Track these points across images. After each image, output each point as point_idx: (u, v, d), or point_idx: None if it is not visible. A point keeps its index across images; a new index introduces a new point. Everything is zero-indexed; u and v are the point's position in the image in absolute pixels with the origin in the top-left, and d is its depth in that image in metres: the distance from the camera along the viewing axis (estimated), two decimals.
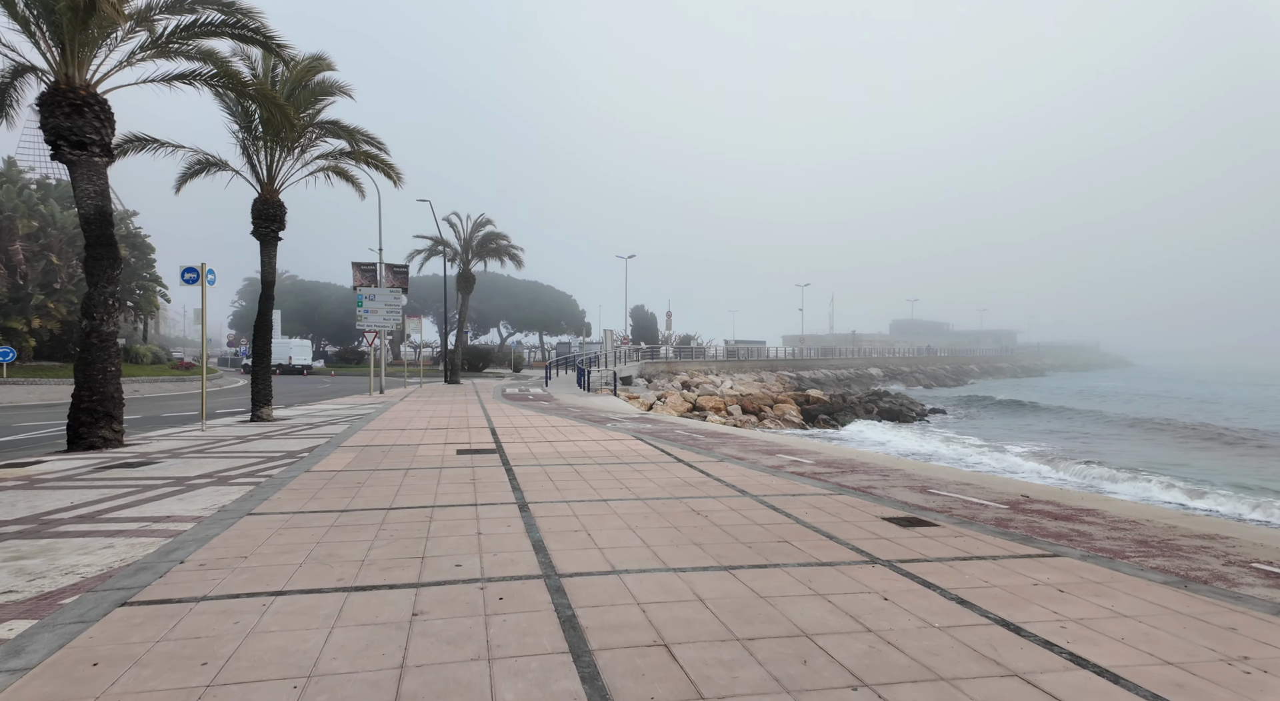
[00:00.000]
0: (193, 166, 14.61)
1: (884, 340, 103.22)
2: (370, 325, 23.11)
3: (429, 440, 10.68)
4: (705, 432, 12.27)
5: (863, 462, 8.78)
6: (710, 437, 11.39)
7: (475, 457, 8.90)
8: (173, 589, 3.77)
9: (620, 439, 10.96)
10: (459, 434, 11.53)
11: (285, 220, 14.51)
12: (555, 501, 6.19)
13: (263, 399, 14.03)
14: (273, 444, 10.41)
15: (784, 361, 56.16)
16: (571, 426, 12.89)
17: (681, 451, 9.57)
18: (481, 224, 32.70)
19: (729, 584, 3.96)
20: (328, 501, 6.09)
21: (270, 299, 14.29)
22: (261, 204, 14.16)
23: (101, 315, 9.71)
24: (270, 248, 14.29)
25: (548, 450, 9.65)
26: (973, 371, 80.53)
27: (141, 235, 32.23)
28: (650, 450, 9.69)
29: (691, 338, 67.25)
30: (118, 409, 9.90)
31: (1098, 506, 6.33)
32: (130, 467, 8.07)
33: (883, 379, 58.74)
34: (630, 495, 6.50)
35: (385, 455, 9.08)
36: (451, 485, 6.94)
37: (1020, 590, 3.90)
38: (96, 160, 9.69)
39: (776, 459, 8.94)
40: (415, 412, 15.99)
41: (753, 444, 10.61)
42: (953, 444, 23.49)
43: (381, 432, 11.73)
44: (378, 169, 15.11)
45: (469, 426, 12.79)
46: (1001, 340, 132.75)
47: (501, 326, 73.94)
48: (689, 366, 45.02)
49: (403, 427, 12.55)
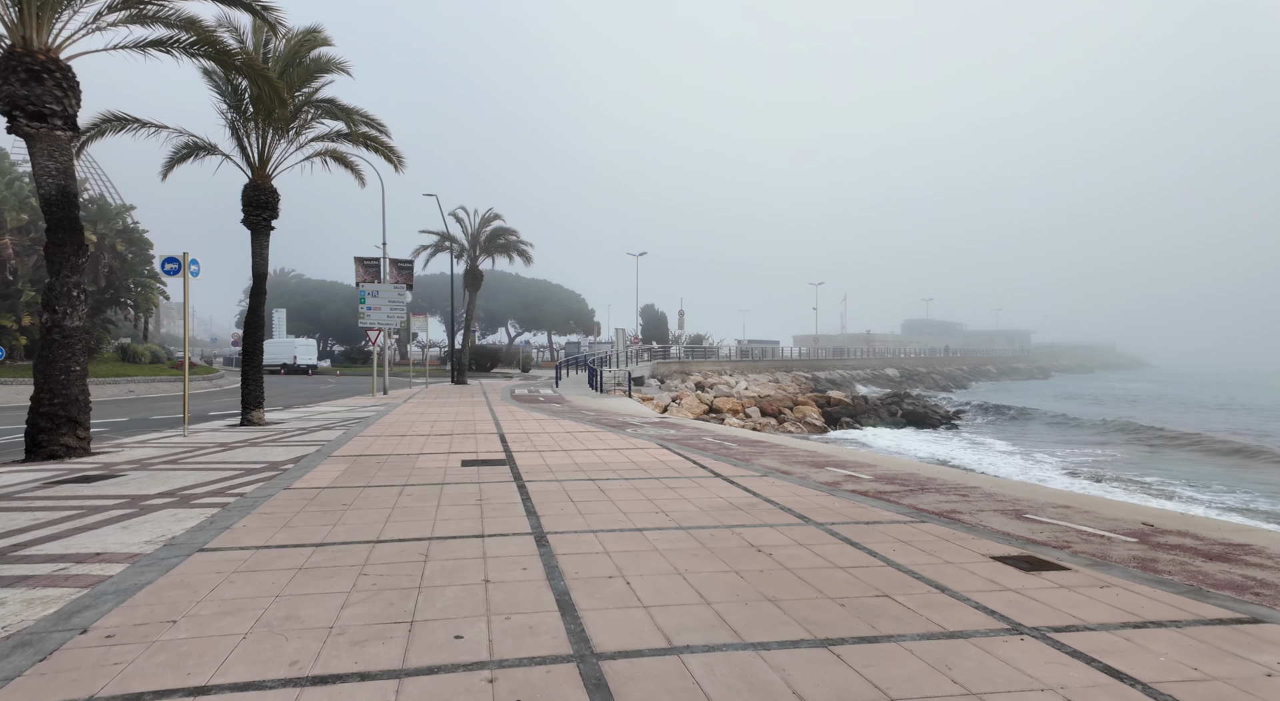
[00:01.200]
0: (180, 151, 13.59)
1: (896, 340, 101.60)
2: (373, 323, 22.05)
3: (431, 448, 9.57)
4: (737, 440, 11.12)
5: (930, 478, 7.60)
6: (744, 446, 10.24)
7: (482, 471, 7.79)
8: (45, 688, 2.65)
9: (644, 447, 9.83)
10: (465, 441, 10.42)
11: (278, 208, 13.45)
12: (580, 531, 5.06)
13: (253, 401, 12.98)
14: (256, 453, 9.34)
15: (798, 361, 54.89)
16: (588, 432, 11.77)
17: (716, 463, 8.42)
18: (490, 219, 31.64)
19: (835, 672, 2.82)
20: (302, 531, 4.99)
21: (262, 293, 13.23)
22: (252, 190, 13.11)
23: (65, 308, 8.66)
24: (262, 237, 13.23)
25: (564, 461, 8.53)
26: (989, 372, 78.94)
27: (139, 230, 31.41)
28: (680, 461, 8.55)
29: (702, 337, 66.09)
30: (83, 413, 8.84)
31: (1249, 541, 5.14)
32: (85, 482, 7.00)
33: (900, 380, 57.34)
34: (669, 522, 5.36)
35: (380, 467, 7.97)
36: (454, 507, 5.82)
37: (1262, 689, 2.74)
38: (58, 134, 8.63)
39: (828, 473, 7.78)
40: (418, 416, 14.91)
41: (794, 454, 9.45)
42: (1006, 455, 22.12)
43: (379, 439, 10.64)
44: (378, 152, 14.02)
45: (476, 432, 11.69)
46: (1015, 340, 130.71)
47: (509, 326, 72.98)
48: (702, 367, 43.87)
49: (403, 433, 11.46)
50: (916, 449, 22.94)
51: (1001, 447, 23.82)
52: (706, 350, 52.98)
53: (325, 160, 14.51)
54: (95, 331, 27.82)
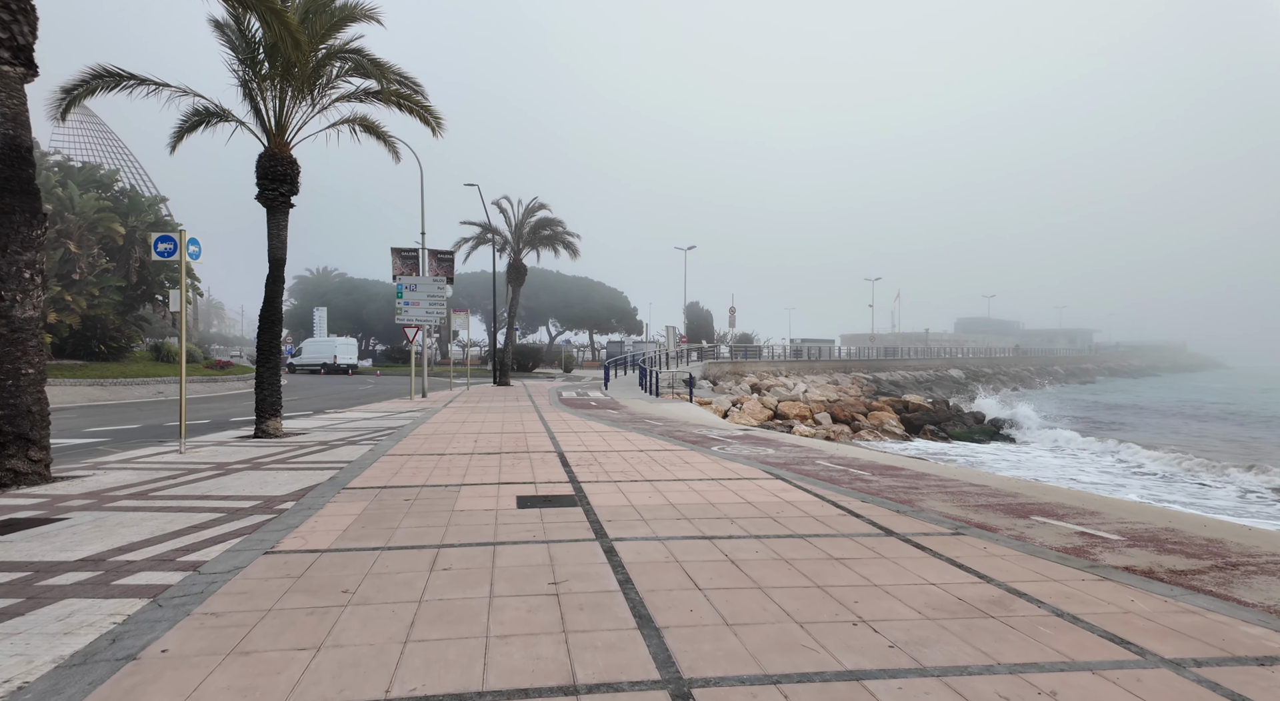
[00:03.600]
0: (189, 118, 11.80)
1: (952, 339, 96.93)
2: (410, 319, 20.18)
3: (475, 475, 7.41)
4: (861, 464, 8.68)
5: (1211, 540, 5.07)
6: (880, 474, 7.80)
7: (547, 516, 5.57)
8: None
9: (749, 476, 7.49)
10: (517, 464, 8.24)
11: (298, 182, 11.52)
12: (749, 679, 2.75)
13: (269, 408, 11.07)
14: (254, 481, 7.31)
15: (856, 362, 51.76)
16: (665, 450, 9.50)
17: (867, 506, 6.04)
18: (534, 209, 29.66)
19: None
20: (257, 670, 2.80)
21: (279, 281, 11.33)
22: (268, 160, 11.19)
23: (13, 293, 6.74)
24: (279, 216, 11.32)
25: (654, 499, 6.26)
26: (1057, 373, 74.19)
27: (174, 223, 30.26)
28: (813, 502, 6.20)
29: (750, 336, 63.39)
30: (37, 428, 6.92)
31: None
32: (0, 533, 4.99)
33: (964, 382, 53.70)
34: (903, 659, 3.00)
35: (408, 509, 5.82)
36: (516, 600, 3.60)
37: None
38: (5, 69, 6.72)
39: (1049, 530, 5.31)
40: (459, 424, 12.85)
41: (959, 489, 6.98)
42: (1163, 479, 18.57)
43: (411, 460, 8.54)
44: (413, 112, 11.98)
45: (529, 448, 9.52)
46: (1076, 339, 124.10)
47: (550, 324, 71.30)
48: (755, 367, 41.29)
49: (441, 451, 9.36)
50: (1057, 469, 19.39)
51: (1159, 464, 19.75)
52: (754, 349, 50.34)
53: (354, 129, 12.55)
54: (127, 330, 26.73)
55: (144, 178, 58.55)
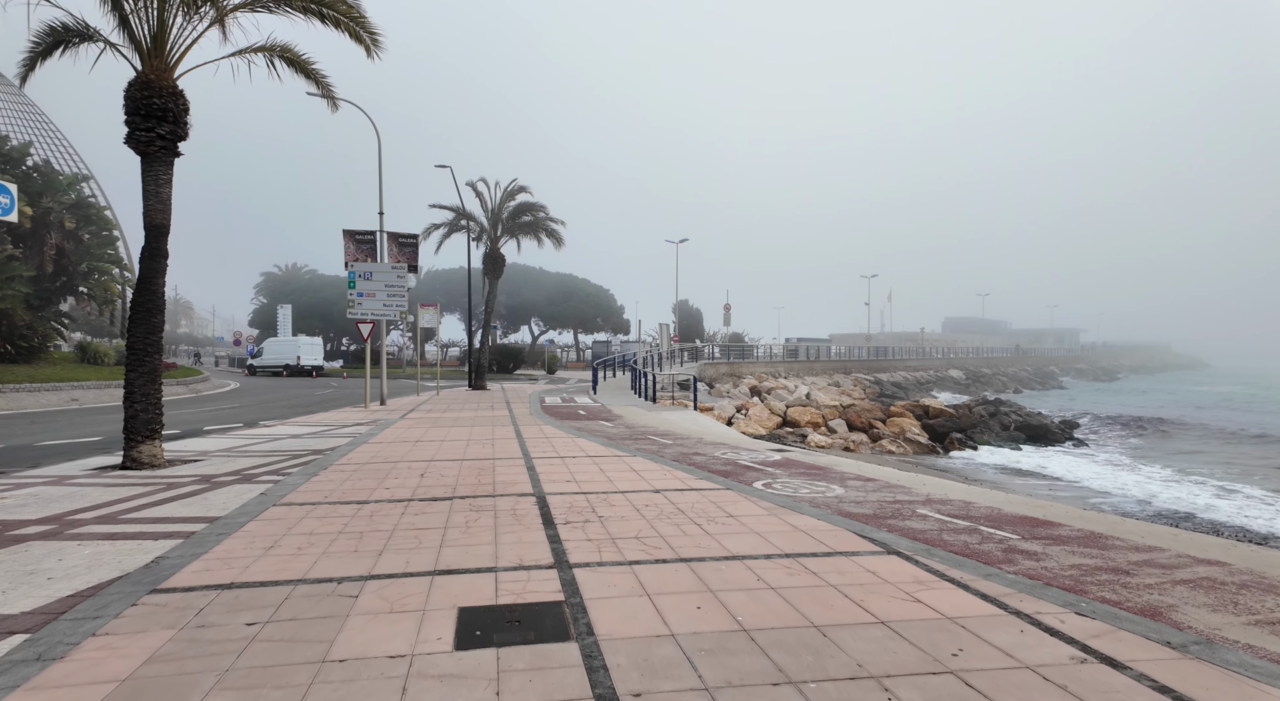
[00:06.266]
0: (43, 39, 8.79)
1: (942, 339, 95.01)
2: (365, 313, 17.17)
3: (398, 556, 4.54)
4: (979, 513, 5.89)
5: None
6: (1025, 532, 5.03)
7: (510, 673, 2.73)
8: None
9: (838, 545, 4.69)
10: (472, 523, 5.38)
11: (186, 123, 8.55)
12: None
13: (142, 428, 8.09)
14: (22, 566, 4.38)
15: (854, 362, 49.32)
16: (690, 488, 6.69)
17: (1091, 627, 3.28)
18: (514, 191, 26.63)
19: None
20: None
21: (158, 256, 8.34)
22: (141, 90, 8.21)
23: None
24: (158, 166, 8.32)
25: (707, 613, 3.44)
26: (1053, 373, 72.44)
27: (98, 205, 26.77)
28: (982, 611, 3.42)
29: (740, 336, 60.80)
30: None
31: None
32: None
33: (966, 383, 51.48)
34: None
35: (236, 660, 2.95)
36: None
37: None
38: None
39: None
40: (410, 446, 9.95)
41: (1174, 562, 4.24)
42: (1224, 496, 15.54)
43: (315, 512, 5.65)
44: (339, 26, 9.05)
45: (495, 489, 6.67)
46: (1064, 339, 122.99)
47: (533, 323, 68.14)
48: (753, 368, 38.65)
49: (366, 494, 6.47)
50: (1130, 488, 16.16)
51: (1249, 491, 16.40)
52: (747, 349, 47.70)
53: (270, 61, 9.55)
54: (41, 327, 23.06)
55: (68, 154, 52.83)
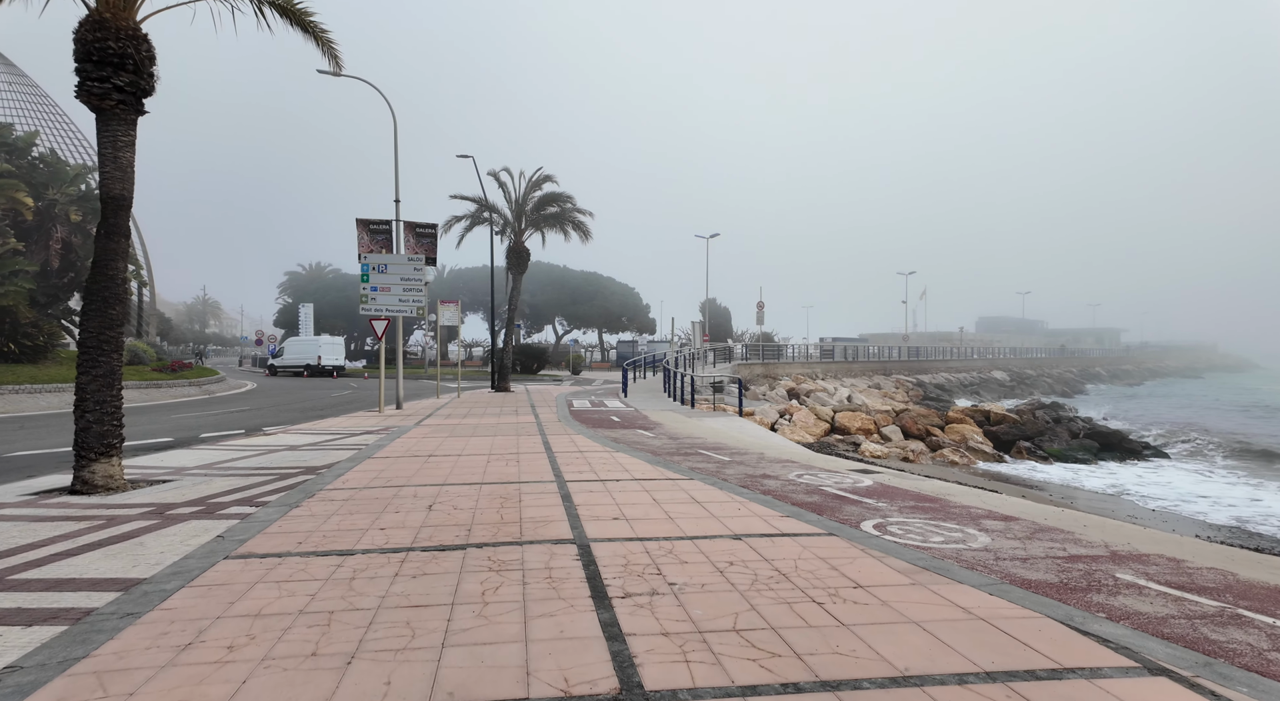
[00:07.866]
0: None
1: (980, 339, 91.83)
2: (377, 310, 15.72)
3: (364, 690, 2.92)
4: (1212, 587, 4.11)
5: None
6: None
7: None
8: None
9: (1082, 669, 2.97)
10: (491, 594, 3.75)
11: (152, 75, 7.10)
12: None
13: (95, 443, 6.64)
14: None
15: (894, 363, 47.11)
16: (778, 534, 5.01)
17: None
18: (538, 181, 25.13)
19: None
20: None
21: (117, 234, 6.91)
22: (92, 31, 6.77)
23: None
24: (115, 125, 6.88)
25: None
26: (1100, 375, 69.23)
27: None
28: None
29: (770, 335, 58.86)
30: None
31: None
32: None
33: (1011, 385, 48.97)
34: None
35: None
36: None
37: None
38: None
39: None
40: (422, 463, 8.39)
41: None
42: None
43: (277, 571, 4.08)
44: None
45: (521, 531, 5.04)
46: (1104, 339, 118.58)
47: (557, 322, 66.77)
48: (788, 369, 36.76)
49: (352, 543, 4.88)
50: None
51: None
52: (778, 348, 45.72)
53: (259, 7, 8.09)
54: (47, 325, 22.06)
55: (78, 142, 50.62)
